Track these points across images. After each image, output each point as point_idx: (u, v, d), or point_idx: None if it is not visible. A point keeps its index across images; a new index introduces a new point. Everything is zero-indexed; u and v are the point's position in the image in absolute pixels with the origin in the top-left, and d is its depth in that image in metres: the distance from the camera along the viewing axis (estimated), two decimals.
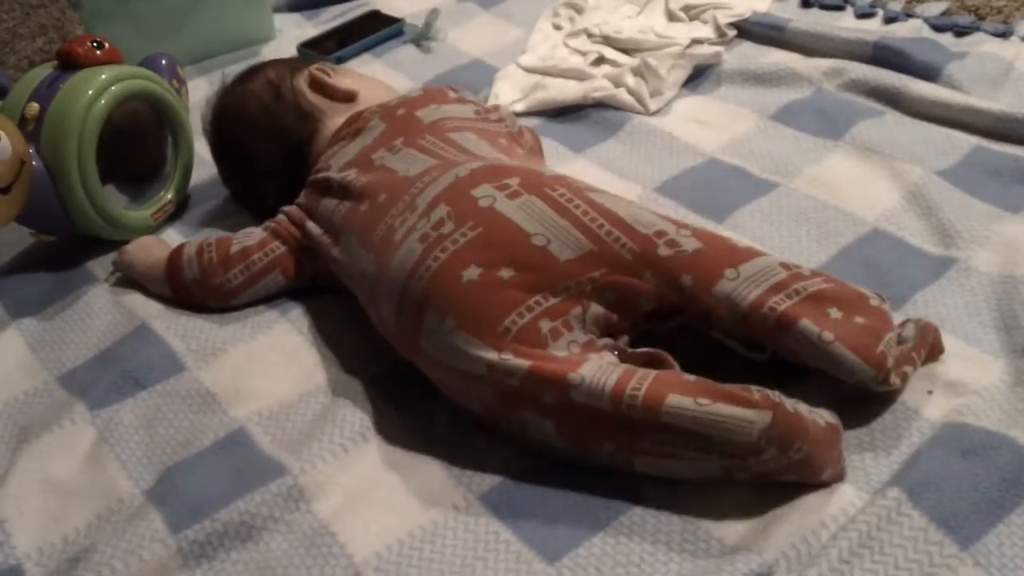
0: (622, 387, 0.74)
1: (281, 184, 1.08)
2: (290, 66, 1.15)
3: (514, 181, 0.87)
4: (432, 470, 0.82)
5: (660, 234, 0.83)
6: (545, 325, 0.79)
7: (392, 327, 0.87)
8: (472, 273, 0.81)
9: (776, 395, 0.74)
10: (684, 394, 0.73)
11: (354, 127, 1.04)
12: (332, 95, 1.11)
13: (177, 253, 1.03)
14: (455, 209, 0.85)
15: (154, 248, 1.09)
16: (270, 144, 1.09)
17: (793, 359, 0.81)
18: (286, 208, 1.03)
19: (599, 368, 0.76)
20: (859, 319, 0.80)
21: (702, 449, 0.74)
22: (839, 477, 0.77)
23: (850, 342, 0.78)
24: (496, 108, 1.11)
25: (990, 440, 0.76)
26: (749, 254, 0.83)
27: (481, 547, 0.76)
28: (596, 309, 0.81)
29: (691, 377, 0.76)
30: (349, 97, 1.11)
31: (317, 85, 1.11)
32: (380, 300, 0.87)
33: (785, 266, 0.82)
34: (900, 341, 0.82)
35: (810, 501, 0.76)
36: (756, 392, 0.73)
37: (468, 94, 1.11)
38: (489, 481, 0.80)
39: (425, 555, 0.75)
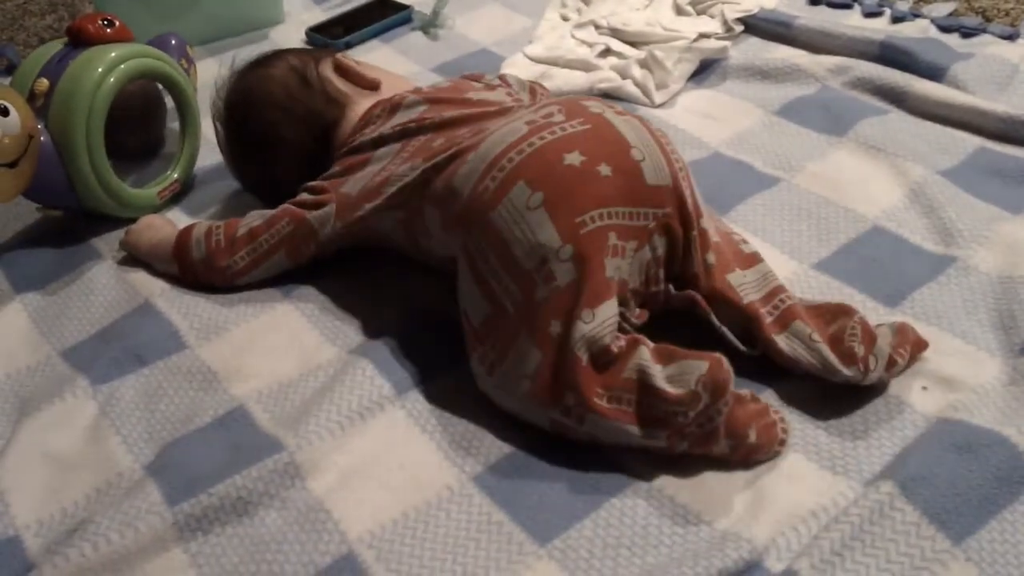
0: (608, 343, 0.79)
1: (301, 168, 1.06)
2: (310, 54, 1.15)
3: (618, 106, 0.93)
4: (427, 450, 0.82)
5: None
6: (612, 238, 0.81)
7: (463, 196, 0.87)
8: (575, 158, 0.83)
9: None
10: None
11: (390, 103, 1.04)
12: (358, 81, 1.11)
13: (186, 233, 1.03)
14: (566, 108, 0.90)
15: (160, 227, 1.09)
16: (298, 128, 1.08)
17: (782, 362, 0.84)
18: (311, 183, 1.02)
19: (606, 318, 0.80)
20: (831, 327, 0.85)
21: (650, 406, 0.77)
22: (773, 440, 0.79)
23: (831, 346, 0.83)
24: (506, 82, 1.10)
25: (984, 437, 0.76)
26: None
27: (474, 528, 0.76)
28: (645, 253, 0.84)
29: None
30: (374, 85, 1.11)
31: (343, 71, 1.11)
32: (454, 175, 0.89)
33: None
34: (872, 340, 0.83)
35: (801, 488, 0.76)
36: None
37: (492, 78, 1.11)
38: (483, 462, 0.81)
39: (418, 535, 0.76)
